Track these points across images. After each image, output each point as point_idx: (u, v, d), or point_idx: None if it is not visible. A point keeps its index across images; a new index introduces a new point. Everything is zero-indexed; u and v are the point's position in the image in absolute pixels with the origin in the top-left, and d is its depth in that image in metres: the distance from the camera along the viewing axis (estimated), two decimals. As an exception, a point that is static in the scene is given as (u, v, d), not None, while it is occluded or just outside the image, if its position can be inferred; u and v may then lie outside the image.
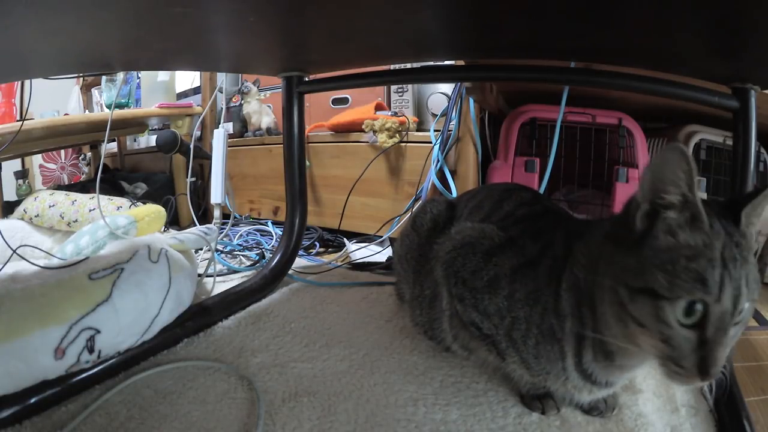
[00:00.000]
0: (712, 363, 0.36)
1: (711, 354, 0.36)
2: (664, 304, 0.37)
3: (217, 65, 0.99)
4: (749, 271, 0.37)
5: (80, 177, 2.46)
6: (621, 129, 1.05)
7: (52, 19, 0.48)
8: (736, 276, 0.36)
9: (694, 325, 0.37)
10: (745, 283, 0.36)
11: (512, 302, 0.50)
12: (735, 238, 0.37)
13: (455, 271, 0.56)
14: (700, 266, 0.36)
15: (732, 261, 0.36)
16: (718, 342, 0.36)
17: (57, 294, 0.53)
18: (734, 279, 0.36)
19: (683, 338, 0.37)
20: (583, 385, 0.47)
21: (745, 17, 0.42)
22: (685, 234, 0.38)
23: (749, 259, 0.37)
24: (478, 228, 0.58)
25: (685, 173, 0.37)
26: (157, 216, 0.90)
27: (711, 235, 0.37)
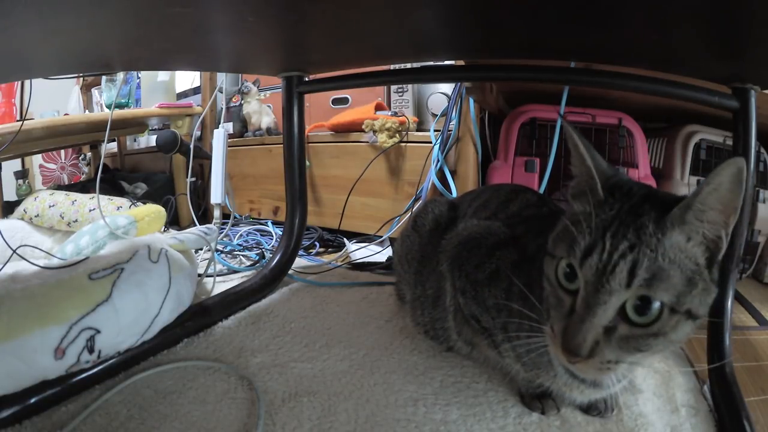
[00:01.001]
0: (571, 336, 0.36)
1: (570, 325, 0.37)
2: (548, 259, 0.41)
3: (217, 65, 0.99)
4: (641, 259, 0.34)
5: (80, 177, 2.46)
6: (621, 129, 1.05)
7: (52, 19, 0.48)
8: (612, 251, 0.35)
9: (573, 293, 0.38)
10: (628, 268, 0.34)
11: (509, 295, 0.51)
12: (641, 220, 0.36)
13: (460, 264, 0.58)
14: (576, 230, 0.38)
15: (614, 236, 0.36)
16: (581, 316, 0.36)
17: (57, 294, 0.53)
18: (607, 252, 0.35)
19: (558, 299, 0.39)
20: (572, 383, 0.47)
21: (745, 17, 0.42)
22: (578, 203, 0.41)
23: (655, 248, 0.35)
24: (484, 225, 0.60)
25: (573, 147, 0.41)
26: (157, 216, 0.90)
27: (596, 207, 0.38)
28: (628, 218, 0.37)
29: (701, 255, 0.36)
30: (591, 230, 0.37)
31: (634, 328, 0.35)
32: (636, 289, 0.35)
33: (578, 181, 0.42)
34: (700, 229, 0.36)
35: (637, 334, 0.36)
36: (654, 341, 0.36)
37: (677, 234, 0.36)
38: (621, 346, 0.36)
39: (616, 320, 0.36)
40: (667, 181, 1.09)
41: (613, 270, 0.35)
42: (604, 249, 0.36)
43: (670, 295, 0.35)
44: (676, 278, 0.35)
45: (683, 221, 0.36)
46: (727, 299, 0.62)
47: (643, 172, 1.04)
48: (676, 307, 0.35)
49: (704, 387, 0.59)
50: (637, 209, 0.37)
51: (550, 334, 0.40)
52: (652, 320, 0.35)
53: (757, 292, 1.06)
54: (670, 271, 0.35)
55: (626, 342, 0.36)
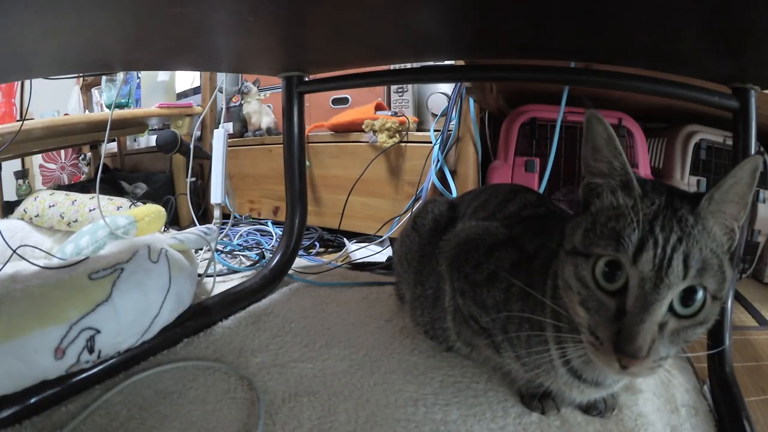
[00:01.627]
0: (628, 338, 0.34)
1: (627, 327, 0.35)
2: (580, 261, 0.38)
3: (217, 65, 0.99)
4: (693, 250, 0.35)
5: (80, 177, 2.46)
6: (621, 129, 1.05)
7: (52, 19, 0.48)
8: (665, 244, 0.34)
9: (616, 293, 0.36)
10: (683, 259, 0.34)
11: (508, 296, 0.51)
12: (680, 213, 0.36)
13: (459, 265, 0.58)
14: (618, 225, 0.37)
15: (663, 229, 0.35)
16: (638, 315, 0.34)
17: (57, 294, 0.53)
18: (660, 246, 0.34)
19: (599, 302, 0.37)
20: (573, 382, 0.47)
21: (745, 17, 0.42)
22: (611, 197, 0.39)
23: (699, 240, 0.35)
24: (483, 226, 0.60)
25: (605, 141, 0.39)
26: (157, 216, 0.90)
27: (639, 199, 0.37)
28: (669, 212, 0.36)
29: (726, 243, 0.38)
30: (639, 225, 0.36)
31: (682, 320, 0.36)
32: (691, 279, 0.34)
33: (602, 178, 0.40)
34: (722, 219, 0.37)
35: (685, 325, 0.36)
36: (699, 330, 0.37)
37: (711, 224, 0.37)
38: (672, 341, 0.36)
39: (668, 315, 0.35)
40: (667, 181, 1.10)
41: (670, 263, 0.34)
42: (657, 243, 0.35)
43: (714, 283, 0.35)
44: (716, 266, 0.36)
45: (711, 212, 0.37)
46: (727, 299, 0.62)
47: (643, 172, 1.04)
48: (717, 294, 0.36)
49: (704, 387, 0.59)
50: (672, 203, 0.37)
51: (591, 342, 0.38)
52: (696, 310, 0.36)
53: (757, 292, 1.06)
54: (712, 259, 0.35)
55: (676, 335, 0.36)
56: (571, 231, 0.41)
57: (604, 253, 0.36)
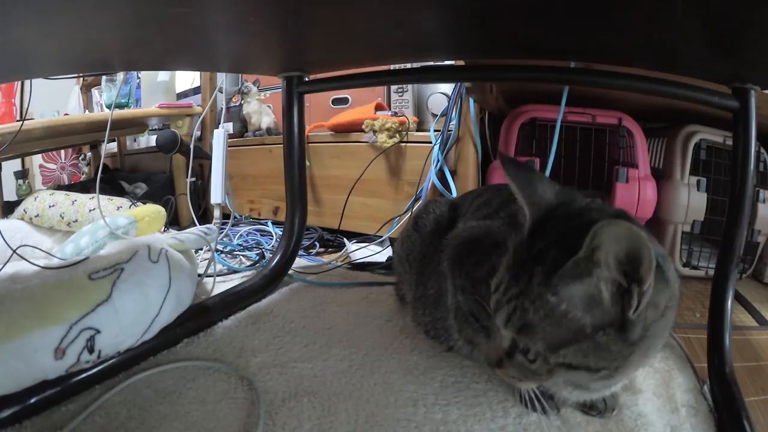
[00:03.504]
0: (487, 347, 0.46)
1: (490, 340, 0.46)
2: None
3: (217, 65, 0.99)
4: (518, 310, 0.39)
5: (80, 177, 2.46)
6: (621, 129, 1.05)
7: (52, 19, 0.47)
8: (506, 292, 0.41)
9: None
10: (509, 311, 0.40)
11: None
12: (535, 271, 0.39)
13: (460, 263, 0.58)
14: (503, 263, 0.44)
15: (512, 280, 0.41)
16: (493, 333, 0.45)
17: (57, 294, 0.53)
18: (502, 293, 0.41)
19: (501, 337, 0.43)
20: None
21: (744, 17, 0.42)
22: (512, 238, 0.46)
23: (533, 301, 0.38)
24: (485, 225, 0.61)
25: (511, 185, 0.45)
26: (157, 216, 0.90)
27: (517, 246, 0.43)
28: (530, 264, 0.39)
29: (591, 317, 0.37)
30: (503, 270, 0.42)
31: (526, 361, 0.40)
32: (513, 330, 0.40)
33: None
34: (595, 287, 0.36)
35: (525, 365, 0.41)
36: (539, 377, 0.41)
37: (563, 291, 0.37)
38: (518, 369, 0.42)
39: (513, 349, 0.41)
40: (667, 181, 1.09)
41: (499, 310, 0.41)
42: (500, 290, 0.42)
43: (540, 346, 0.39)
44: (548, 333, 0.38)
45: (572, 278, 0.36)
46: (727, 299, 0.62)
47: (643, 172, 1.04)
48: (546, 358, 0.39)
49: (704, 387, 0.59)
50: (542, 254, 0.39)
51: None
52: (532, 360, 0.40)
53: (757, 292, 1.06)
54: (542, 325, 0.38)
55: (521, 367, 0.41)
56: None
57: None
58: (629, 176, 1.02)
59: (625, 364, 0.39)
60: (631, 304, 0.36)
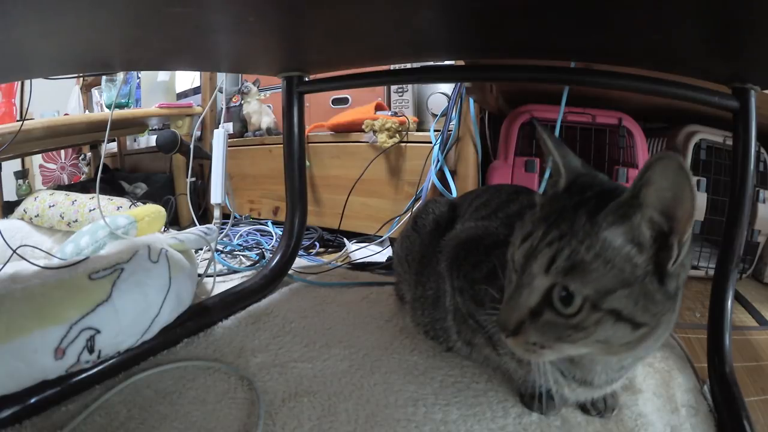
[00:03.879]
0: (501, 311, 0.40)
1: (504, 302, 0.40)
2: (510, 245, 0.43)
3: (217, 65, 0.99)
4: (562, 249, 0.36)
5: (80, 177, 2.46)
6: (621, 129, 1.05)
7: (52, 19, 0.47)
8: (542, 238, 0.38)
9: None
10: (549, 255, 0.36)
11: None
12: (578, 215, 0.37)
13: (458, 264, 0.58)
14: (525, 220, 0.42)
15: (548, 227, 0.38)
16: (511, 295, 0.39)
17: (57, 294, 0.53)
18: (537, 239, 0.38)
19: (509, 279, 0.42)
20: (563, 381, 0.47)
21: (744, 17, 0.42)
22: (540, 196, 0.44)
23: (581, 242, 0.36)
24: (483, 226, 0.61)
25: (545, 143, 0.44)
26: (157, 216, 0.90)
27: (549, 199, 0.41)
28: (570, 212, 0.38)
29: (642, 258, 0.36)
30: (533, 221, 0.40)
31: (558, 316, 0.37)
32: (554, 276, 0.36)
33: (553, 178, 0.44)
34: (638, 229, 0.35)
35: (559, 322, 0.37)
36: (575, 334, 0.36)
37: (611, 230, 0.36)
38: (544, 332, 0.37)
39: (543, 306, 0.37)
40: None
41: (536, 256, 0.37)
42: (534, 237, 0.38)
43: (590, 290, 0.35)
44: (599, 273, 0.35)
45: (617, 218, 0.36)
46: (727, 299, 0.62)
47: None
48: (597, 303, 0.35)
49: (704, 387, 0.59)
50: (582, 204, 0.38)
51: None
52: (573, 312, 0.36)
53: (757, 292, 1.06)
54: (593, 265, 0.35)
55: (549, 328, 0.37)
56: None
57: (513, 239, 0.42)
58: (629, 176, 1.02)
59: (659, 325, 0.37)
60: (671, 255, 0.35)
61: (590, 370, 0.46)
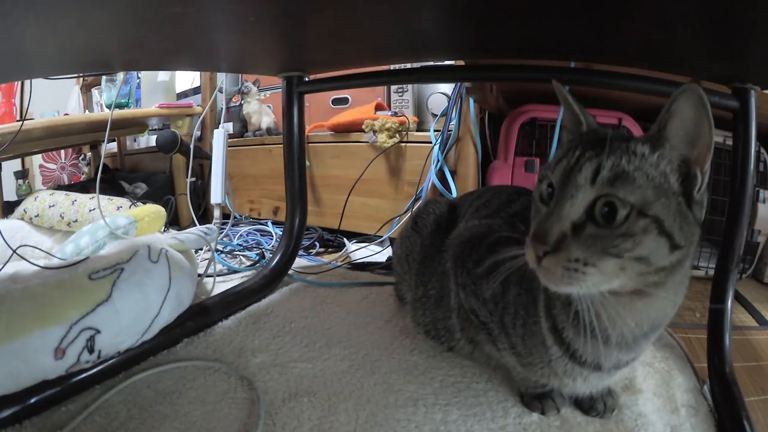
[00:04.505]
0: (539, 225, 0.38)
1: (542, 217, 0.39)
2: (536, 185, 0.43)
3: (217, 65, 0.99)
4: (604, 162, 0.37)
5: (80, 177, 2.46)
6: (621, 129, 1.05)
7: (52, 20, 0.48)
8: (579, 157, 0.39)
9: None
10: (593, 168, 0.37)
11: (506, 285, 0.51)
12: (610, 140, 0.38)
13: (462, 261, 0.58)
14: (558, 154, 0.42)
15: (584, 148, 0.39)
16: (551, 209, 0.38)
17: (57, 294, 0.53)
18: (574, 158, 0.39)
19: (537, 211, 0.41)
20: (571, 368, 0.46)
21: (745, 17, 0.42)
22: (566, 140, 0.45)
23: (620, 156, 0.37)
24: (486, 224, 0.61)
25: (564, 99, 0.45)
26: (157, 216, 0.90)
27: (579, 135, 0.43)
28: (599, 140, 0.39)
29: (672, 174, 0.38)
30: (566, 148, 0.41)
31: (602, 228, 0.36)
32: (600, 186, 0.36)
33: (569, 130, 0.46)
34: (667, 154, 0.38)
35: (605, 234, 0.36)
36: (623, 243, 0.36)
37: (644, 149, 0.38)
38: (588, 245, 0.36)
39: (585, 220, 0.37)
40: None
41: (580, 169, 0.38)
42: (573, 156, 0.39)
43: (636, 197, 0.36)
44: (641, 183, 0.36)
45: (649, 143, 0.38)
46: (727, 299, 0.62)
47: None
48: (643, 210, 0.36)
49: (704, 387, 0.59)
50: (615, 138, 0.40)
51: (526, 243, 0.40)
52: (619, 222, 0.36)
53: (757, 292, 1.06)
54: (635, 174, 0.37)
55: (594, 240, 0.36)
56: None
57: (543, 173, 0.42)
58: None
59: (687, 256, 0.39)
60: (695, 182, 0.38)
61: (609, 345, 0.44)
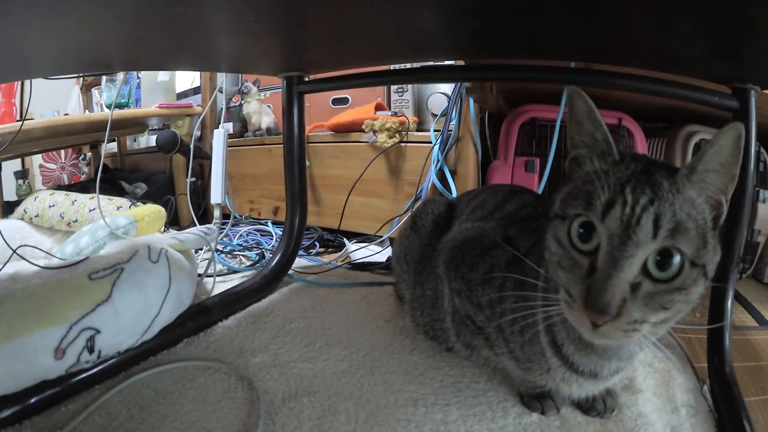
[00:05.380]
0: (596, 293, 0.35)
1: (596, 283, 0.35)
2: (557, 223, 0.39)
3: (217, 65, 0.99)
4: (663, 211, 0.35)
5: (80, 177, 2.46)
6: (621, 129, 1.05)
7: (52, 20, 0.47)
8: (634, 204, 0.35)
9: (590, 254, 0.37)
10: (653, 219, 0.34)
11: (502, 292, 0.51)
12: (655, 178, 0.36)
13: (456, 266, 0.58)
14: (591, 187, 0.38)
15: (633, 191, 0.36)
16: (606, 272, 0.35)
17: (57, 294, 0.53)
18: (629, 205, 0.35)
19: (573, 261, 0.37)
20: (569, 376, 0.46)
21: (744, 17, 0.42)
22: (590, 164, 0.40)
23: (673, 203, 0.35)
24: (479, 227, 0.60)
25: (588, 114, 0.40)
26: (157, 216, 0.90)
27: (613, 165, 0.38)
28: (643, 177, 0.37)
29: (708, 213, 0.37)
30: (609, 186, 0.37)
31: (658, 283, 0.35)
32: (662, 240, 0.34)
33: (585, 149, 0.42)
34: (705, 189, 0.37)
35: (662, 289, 0.35)
36: (677, 296, 0.35)
37: (691, 192, 0.37)
38: (647, 304, 0.35)
39: (641, 276, 0.35)
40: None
41: (639, 222, 0.34)
42: (626, 202, 0.35)
43: (691, 248, 0.35)
44: (693, 232, 0.35)
45: (691, 180, 0.37)
46: (727, 299, 0.62)
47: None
48: (695, 260, 0.35)
49: (704, 387, 0.59)
50: (648, 170, 0.38)
51: (565, 301, 0.38)
52: (674, 275, 0.35)
53: (757, 292, 1.06)
54: (688, 223, 0.35)
55: (652, 299, 0.35)
56: (555, 200, 0.42)
57: (577, 212, 0.38)
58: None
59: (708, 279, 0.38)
60: (722, 211, 0.38)
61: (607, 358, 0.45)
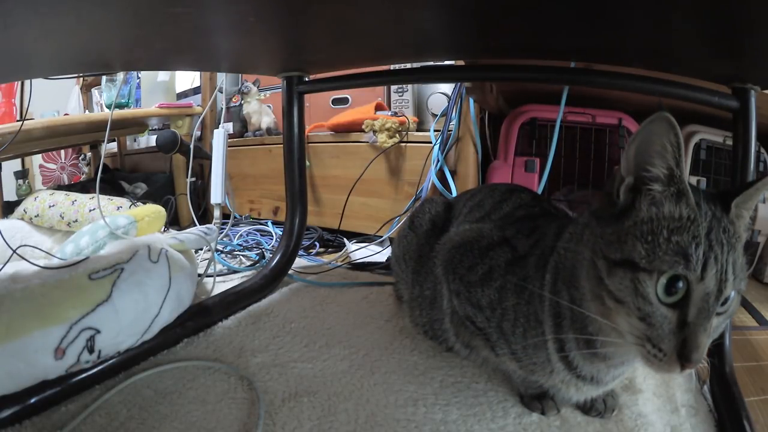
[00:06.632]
0: (694, 348, 0.35)
1: (692, 338, 0.35)
2: (643, 276, 0.36)
3: (217, 65, 0.99)
4: (736, 259, 0.36)
5: (80, 177, 2.46)
6: (621, 129, 1.05)
7: (52, 19, 0.47)
8: (722, 259, 0.35)
9: (675, 305, 0.36)
10: (732, 270, 0.35)
11: (503, 293, 0.51)
12: (723, 223, 0.37)
13: (453, 267, 0.58)
14: (683, 240, 0.35)
15: (719, 243, 0.35)
16: (701, 326, 0.35)
17: (57, 294, 0.53)
18: (719, 261, 0.35)
19: (662, 317, 0.36)
20: (570, 379, 0.47)
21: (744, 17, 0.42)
22: (671, 206, 0.37)
23: (737, 247, 0.37)
24: (476, 228, 0.60)
25: (672, 146, 0.36)
26: (157, 216, 0.90)
27: (697, 212, 0.36)
28: (716, 223, 0.36)
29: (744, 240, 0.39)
30: (702, 239, 0.35)
31: (719, 317, 0.37)
32: (735, 287, 0.36)
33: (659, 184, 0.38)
34: (742, 222, 0.39)
35: (721, 321, 0.37)
36: (727, 319, 0.38)
37: (739, 229, 0.38)
38: (711, 337, 0.37)
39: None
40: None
41: (727, 276, 0.35)
42: (717, 259, 0.35)
43: (744, 283, 0.38)
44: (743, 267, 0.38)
45: (737, 216, 0.38)
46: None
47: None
48: (740, 290, 0.38)
49: (704, 387, 0.59)
50: (712, 210, 0.37)
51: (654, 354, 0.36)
52: (729, 306, 0.37)
53: (757, 292, 1.06)
54: (742, 260, 0.37)
55: (714, 332, 0.37)
56: (614, 237, 0.39)
57: (673, 270, 0.35)
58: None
59: None
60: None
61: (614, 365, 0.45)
